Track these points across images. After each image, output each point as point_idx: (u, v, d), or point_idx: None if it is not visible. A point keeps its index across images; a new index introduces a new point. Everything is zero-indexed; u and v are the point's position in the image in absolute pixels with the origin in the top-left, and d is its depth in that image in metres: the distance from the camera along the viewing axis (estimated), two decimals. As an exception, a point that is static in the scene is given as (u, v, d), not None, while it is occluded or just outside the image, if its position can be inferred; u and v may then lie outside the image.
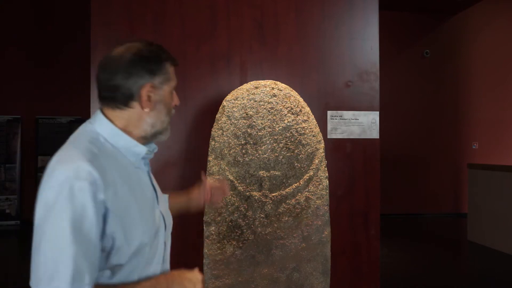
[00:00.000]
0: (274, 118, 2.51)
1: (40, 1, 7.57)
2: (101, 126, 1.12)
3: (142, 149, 1.16)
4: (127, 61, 1.11)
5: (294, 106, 2.54)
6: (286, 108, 2.52)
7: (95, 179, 1.01)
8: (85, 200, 0.99)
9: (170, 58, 1.19)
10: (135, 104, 1.13)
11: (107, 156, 1.09)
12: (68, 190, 0.98)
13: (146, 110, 1.14)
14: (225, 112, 2.50)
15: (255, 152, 2.49)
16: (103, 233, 1.04)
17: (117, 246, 1.06)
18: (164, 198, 1.30)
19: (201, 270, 2.40)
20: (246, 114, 2.50)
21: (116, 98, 1.12)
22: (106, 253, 1.06)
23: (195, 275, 1.19)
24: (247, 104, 2.50)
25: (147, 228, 1.13)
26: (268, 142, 2.50)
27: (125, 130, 1.14)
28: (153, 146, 1.24)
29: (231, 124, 2.49)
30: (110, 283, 1.08)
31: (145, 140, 1.18)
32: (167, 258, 1.28)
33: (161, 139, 1.22)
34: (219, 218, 2.47)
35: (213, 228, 2.46)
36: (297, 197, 2.51)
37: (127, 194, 1.09)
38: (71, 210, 0.98)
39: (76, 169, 1.00)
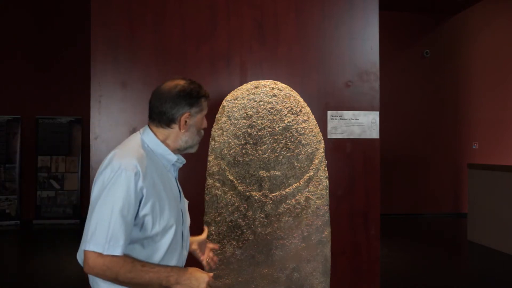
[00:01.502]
0: (274, 118, 2.51)
1: (41, 3, 7.57)
2: (147, 137, 1.54)
3: (173, 157, 1.57)
4: (174, 95, 1.52)
5: (294, 106, 2.53)
6: (286, 108, 2.52)
7: (138, 171, 1.40)
8: (129, 185, 1.38)
9: (205, 94, 1.58)
10: (175, 126, 1.54)
11: (149, 158, 1.49)
12: (118, 175, 1.38)
13: (182, 131, 1.55)
14: (225, 112, 2.50)
15: (255, 152, 2.49)
16: (136, 214, 1.41)
17: (147, 223, 1.43)
18: (185, 201, 1.69)
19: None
20: (246, 114, 2.50)
21: (162, 120, 1.53)
22: (138, 227, 1.43)
23: (202, 276, 1.46)
24: (247, 104, 2.50)
25: (172, 213, 1.51)
26: (268, 142, 2.50)
27: (164, 142, 1.55)
28: (183, 159, 1.63)
29: (231, 124, 2.49)
30: (136, 258, 1.41)
31: (178, 151, 1.59)
32: (186, 245, 1.63)
33: (190, 151, 1.62)
34: (219, 218, 2.47)
35: (213, 228, 2.46)
36: (297, 197, 2.51)
37: (160, 186, 1.48)
38: (119, 190, 1.36)
39: (127, 162, 1.40)
